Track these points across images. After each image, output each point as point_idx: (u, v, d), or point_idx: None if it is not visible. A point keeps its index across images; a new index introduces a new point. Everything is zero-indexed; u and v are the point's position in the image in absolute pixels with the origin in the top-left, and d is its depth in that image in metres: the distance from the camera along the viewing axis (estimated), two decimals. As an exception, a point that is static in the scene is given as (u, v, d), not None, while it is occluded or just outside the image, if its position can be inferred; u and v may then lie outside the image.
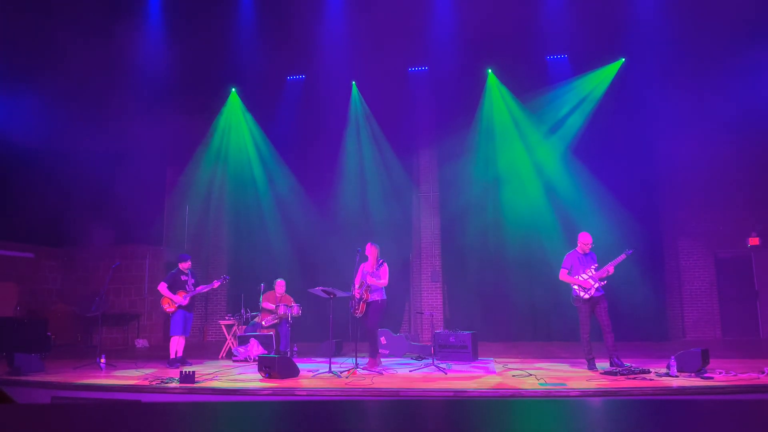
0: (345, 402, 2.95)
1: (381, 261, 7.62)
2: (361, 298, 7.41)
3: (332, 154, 12.95)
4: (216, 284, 8.52)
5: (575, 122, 12.02)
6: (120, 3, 11.02)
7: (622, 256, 7.06)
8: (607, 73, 12.02)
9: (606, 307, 7.03)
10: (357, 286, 7.59)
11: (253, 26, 11.50)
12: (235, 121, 13.53)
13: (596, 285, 7.00)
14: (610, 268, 7.02)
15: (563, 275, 7.18)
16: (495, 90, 12.53)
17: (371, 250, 7.63)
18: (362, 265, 7.68)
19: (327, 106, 12.92)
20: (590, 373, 6.66)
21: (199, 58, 12.27)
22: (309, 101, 12.84)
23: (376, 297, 7.46)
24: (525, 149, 12.20)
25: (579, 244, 7.28)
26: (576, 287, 7.09)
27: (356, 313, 7.51)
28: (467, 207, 12.22)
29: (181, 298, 8.07)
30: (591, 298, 7.01)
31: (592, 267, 7.11)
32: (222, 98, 13.43)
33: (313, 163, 12.99)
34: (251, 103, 13.44)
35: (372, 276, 7.45)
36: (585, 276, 7.07)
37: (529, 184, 12.05)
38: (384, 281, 7.49)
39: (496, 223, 11.99)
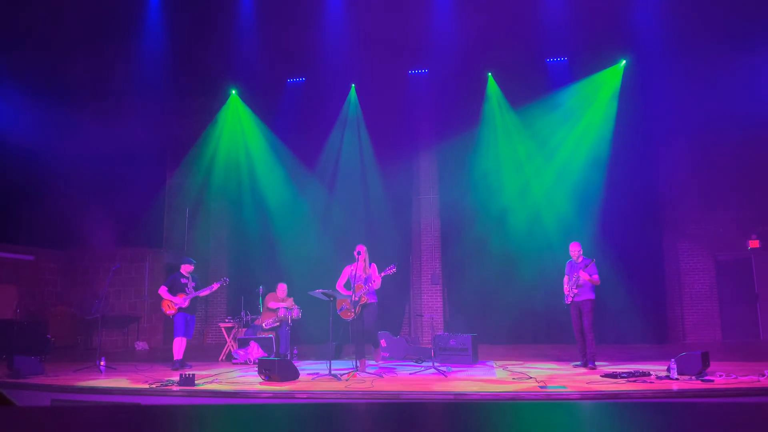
0: (345, 405, 2.95)
1: (372, 263, 7.55)
2: (358, 301, 7.36)
3: (332, 157, 12.96)
4: (215, 286, 8.51)
5: (574, 125, 12.04)
6: (120, 5, 11.03)
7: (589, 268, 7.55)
8: (607, 77, 12.04)
9: (587, 311, 7.44)
10: (342, 284, 7.52)
11: (253, 28, 11.52)
12: (235, 124, 13.54)
13: (571, 293, 7.53)
14: (582, 275, 7.48)
15: (564, 281, 7.84)
16: (494, 94, 12.55)
17: (362, 252, 7.52)
18: (347, 267, 7.59)
19: (327, 108, 12.96)
20: (590, 376, 6.66)
21: (199, 60, 12.30)
22: (309, 103, 12.86)
23: (372, 299, 7.42)
24: (525, 152, 12.22)
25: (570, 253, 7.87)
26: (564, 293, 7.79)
27: (349, 316, 7.42)
28: (467, 209, 12.22)
29: (181, 300, 8.08)
30: (572, 302, 7.54)
31: (575, 275, 7.56)
32: (222, 100, 13.45)
33: (313, 165, 13.00)
34: (251, 106, 13.46)
35: (371, 279, 7.38)
36: (569, 284, 7.66)
37: (529, 187, 12.07)
38: (379, 283, 7.45)
39: (496, 225, 11.98)
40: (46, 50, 10.63)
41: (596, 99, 12.06)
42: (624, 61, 11.88)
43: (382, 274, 7.33)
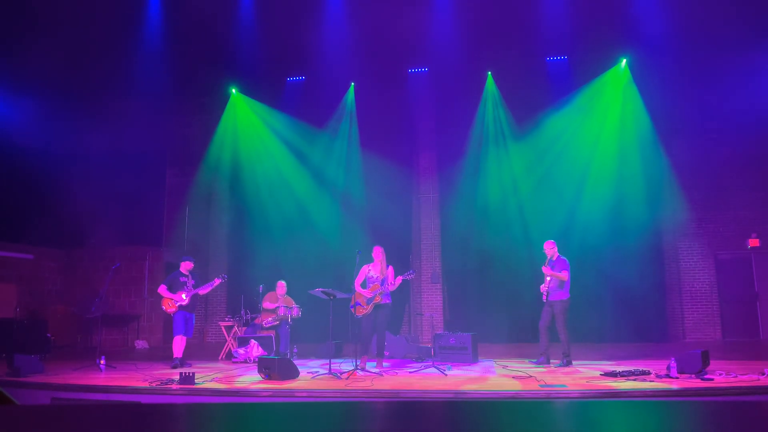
0: (345, 403, 2.95)
1: (389, 265, 7.69)
2: (372, 299, 7.44)
3: (332, 155, 12.95)
4: (217, 282, 8.54)
5: (575, 125, 12.03)
6: (121, 5, 11.03)
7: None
8: (609, 78, 12.02)
9: (559, 312, 7.56)
10: (359, 284, 7.61)
11: (253, 27, 11.51)
12: (234, 123, 13.54)
13: (545, 291, 7.64)
14: (544, 270, 7.66)
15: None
16: (494, 93, 12.54)
17: (379, 254, 7.65)
18: (364, 267, 7.68)
19: (327, 106, 12.95)
20: (590, 375, 6.65)
21: (199, 60, 12.29)
22: (309, 102, 12.85)
23: (387, 300, 7.56)
24: (525, 151, 12.21)
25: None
26: None
27: (358, 313, 7.51)
28: (467, 208, 12.22)
29: (181, 298, 8.09)
30: (546, 301, 7.65)
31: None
32: (222, 99, 13.44)
33: (313, 163, 13.00)
34: (252, 104, 13.46)
35: (388, 281, 7.51)
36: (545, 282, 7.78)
37: (529, 185, 12.06)
38: (394, 285, 7.57)
39: (496, 224, 11.98)
40: (46, 50, 10.61)
41: (597, 101, 12.04)
42: (624, 60, 11.87)
43: (401, 278, 7.46)
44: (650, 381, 5.98)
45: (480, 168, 12.33)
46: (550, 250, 7.81)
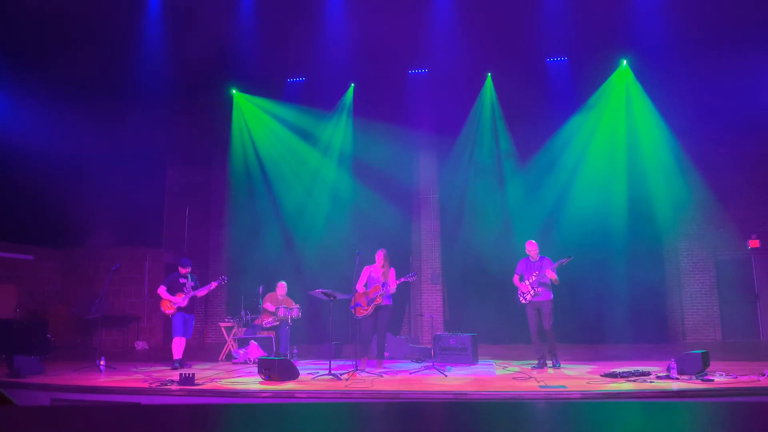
0: (345, 404, 2.95)
1: (391, 268, 7.73)
2: (373, 300, 7.46)
3: (330, 155, 12.96)
4: (213, 285, 8.52)
5: (572, 124, 12.03)
6: (119, 6, 11.04)
7: (563, 261, 7.40)
8: (612, 83, 12.03)
9: (549, 312, 7.46)
10: (361, 285, 7.64)
11: (253, 27, 11.51)
12: (235, 123, 13.54)
13: (532, 291, 7.45)
14: (550, 274, 7.36)
15: (515, 279, 7.74)
16: (494, 94, 12.54)
17: (382, 257, 7.71)
18: (366, 268, 7.72)
19: (326, 107, 12.96)
20: (590, 376, 6.65)
21: (199, 59, 12.28)
22: (308, 102, 12.86)
23: (387, 302, 7.60)
24: (525, 151, 12.21)
25: (527, 251, 7.74)
26: (519, 292, 7.63)
27: (359, 314, 7.54)
28: (467, 209, 12.22)
29: (180, 299, 8.09)
30: (531, 302, 7.51)
31: (535, 274, 7.51)
32: (222, 100, 13.44)
33: (312, 163, 13.00)
34: (252, 105, 13.46)
35: (388, 283, 7.56)
36: (527, 282, 7.54)
37: (528, 185, 12.06)
38: (395, 287, 7.60)
39: (496, 224, 11.98)
40: (46, 49, 10.61)
41: (599, 104, 12.03)
42: (625, 62, 11.87)
43: (401, 280, 7.55)
44: (650, 382, 5.98)
45: (480, 169, 12.33)
46: (534, 250, 7.68)
